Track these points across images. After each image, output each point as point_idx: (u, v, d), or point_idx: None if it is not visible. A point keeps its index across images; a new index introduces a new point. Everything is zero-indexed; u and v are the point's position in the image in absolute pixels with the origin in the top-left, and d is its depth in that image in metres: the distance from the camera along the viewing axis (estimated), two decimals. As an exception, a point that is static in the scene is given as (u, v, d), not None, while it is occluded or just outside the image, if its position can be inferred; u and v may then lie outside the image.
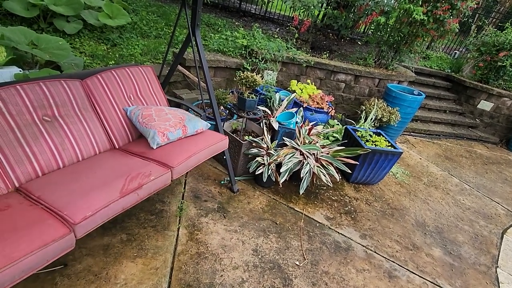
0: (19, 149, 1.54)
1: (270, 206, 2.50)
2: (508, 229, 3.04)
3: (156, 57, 3.44)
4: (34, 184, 1.52)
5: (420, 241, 2.56)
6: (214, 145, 2.07)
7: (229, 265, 1.90)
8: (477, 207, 3.29)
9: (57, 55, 2.48)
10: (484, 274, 2.39)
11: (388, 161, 2.95)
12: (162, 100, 2.39)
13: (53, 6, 2.93)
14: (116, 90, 2.07)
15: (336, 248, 2.25)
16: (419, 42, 4.42)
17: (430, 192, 3.35)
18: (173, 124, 1.97)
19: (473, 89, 5.42)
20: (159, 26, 4.11)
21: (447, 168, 4.03)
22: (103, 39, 3.36)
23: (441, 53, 7.27)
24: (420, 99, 4.09)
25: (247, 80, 2.47)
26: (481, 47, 5.48)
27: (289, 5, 4.30)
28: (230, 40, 3.96)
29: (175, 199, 2.33)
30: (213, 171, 2.77)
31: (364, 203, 2.87)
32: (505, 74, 5.29)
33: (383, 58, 4.58)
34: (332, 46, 5.46)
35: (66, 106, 1.78)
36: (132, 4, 4.33)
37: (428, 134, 5.04)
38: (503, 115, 5.32)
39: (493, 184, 3.90)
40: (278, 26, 5.75)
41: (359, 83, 4.41)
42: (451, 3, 3.76)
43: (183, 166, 1.81)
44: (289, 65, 4.06)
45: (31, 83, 1.65)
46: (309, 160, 2.52)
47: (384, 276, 2.12)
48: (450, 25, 3.92)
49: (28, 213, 1.29)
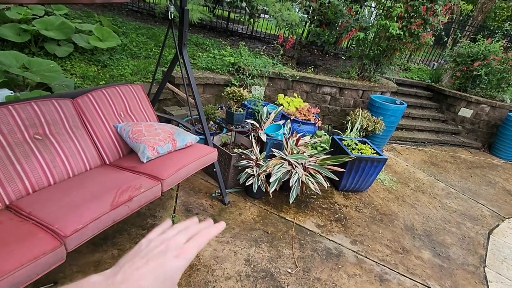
0: (10, 167, 1.57)
1: (261, 217, 2.54)
2: (494, 229, 3.13)
3: (146, 76, 3.54)
4: (24, 201, 1.54)
5: (409, 244, 2.61)
6: (203, 157, 2.13)
7: (222, 275, 1.91)
8: (463, 210, 3.38)
9: (48, 77, 2.55)
10: (473, 274, 2.44)
11: (374, 168, 3.05)
12: (152, 116, 2.45)
13: (44, 31, 3.03)
14: (106, 108, 2.14)
15: (328, 254, 2.29)
16: (397, 55, 4.66)
17: (417, 197, 3.44)
18: (162, 139, 2.03)
19: (453, 97, 5.67)
20: (149, 47, 4.25)
21: (433, 173, 4.15)
22: (94, 60, 3.46)
23: (421, 65, 7.63)
24: (403, 108, 4.26)
25: (234, 94, 2.57)
26: (457, 58, 5.79)
27: (274, 24, 4.52)
28: (218, 58, 4.11)
29: (166, 213, 2.34)
30: (204, 184, 2.81)
31: (354, 210, 2.93)
32: (481, 83, 5.57)
33: (366, 71, 4.79)
34: (317, 61, 5.69)
35: (57, 125, 1.83)
36: (122, 27, 4.48)
37: (414, 142, 5.20)
38: (483, 121, 5.55)
39: (477, 187, 4.02)
40: (264, 44, 5.99)
41: (344, 95, 4.58)
42: (423, 18, 4.03)
43: (173, 178, 1.86)
44: (275, 80, 4.21)
45: (22, 103, 1.70)
46: (297, 170, 2.59)
47: (375, 280, 2.15)
48: (425, 38, 4.18)
49: (18, 229, 1.31)
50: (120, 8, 5.53)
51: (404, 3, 4.04)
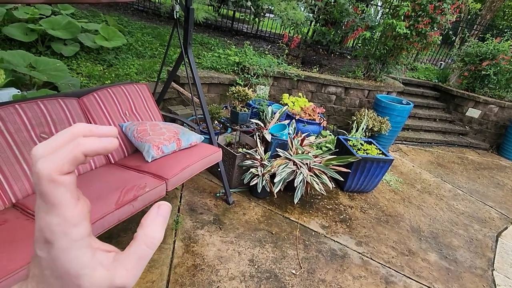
0: (16, 166, 1.58)
1: (265, 217, 2.52)
2: (503, 232, 3.07)
3: (151, 75, 3.55)
4: (31, 199, 1.55)
5: (415, 246, 2.58)
6: (208, 157, 2.13)
7: (226, 276, 1.90)
8: (471, 212, 3.32)
9: (55, 76, 2.56)
10: (481, 277, 2.39)
11: (380, 169, 3.01)
12: (157, 116, 2.46)
13: (51, 30, 3.05)
14: (111, 107, 2.14)
15: (332, 256, 2.27)
16: (404, 55, 4.60)
17: (424, 198, 3.40)
18: (167, 138, 2.03)
19: (461, 97, 5.59)
20: (154, 46, 4.26)
21: (440, 174, 4.10)
22: (100, 60, 3.48)
23: (428, 64, 7.53)
24: (409, 108, 4.21)
25: (239, 94, 2.56)
26: (465, 57, 5.70)
27: (279, 23, 4.50)
28: (222, 57, 4.10)
29: (170, 212, 2.34)
30: (209, 184, 2.80)
31: (359, 211, 2.90)
32: (489, 82, 5.48)
33: (372, 70, 4.74)
34: (322, 61, 5.65)
35: (63, 123, 1.83)
36: (128, 26, 4.50)
37: (420, 142, 5.14)
38: (491, 121, 5.46)
39: (485, 189, 3.95)
40: (269, 43, 5.97)
41: (349, 95, 4.54)
42: (431, 17, 3.97)
43: (177, 177, 1.86)
44: (280, 80, 4.19)
45: (29, 102, 1.71)
46: (302, 170, 2.58)
47: (381, 282, 2.12)
48: (432, 37, 4.12)
49: (24, 227, 1.32)
50: (126, 8, 5.55)
51: (412, 2, 3.99)
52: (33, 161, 0.21)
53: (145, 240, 0.25)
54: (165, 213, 0.27)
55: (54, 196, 0.21)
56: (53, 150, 0.22)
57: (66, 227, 0.22)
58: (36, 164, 0.21)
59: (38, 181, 0.21)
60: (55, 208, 0.21)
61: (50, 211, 0.22)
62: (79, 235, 0.23)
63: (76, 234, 0.22)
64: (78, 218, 0.22)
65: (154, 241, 0.26)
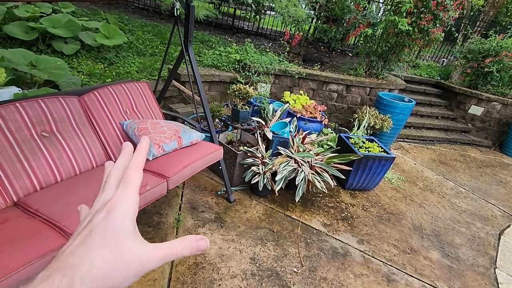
0: (18, 164, 1.58)
1: (267, 215, 2.52)
2: (505, 230, 3.06)
3: (151, 73, 3.54)
4: (32, 198, 1.55)
5: (417, 244, 2.57)
6: (209, 155, 2.12)
7: (227, 274, 1.90)
8: (473, 210, 3.31)
9: (55, 74, 2.56)
10: (483, 275, 2.38)
11: (382, 167, 3.00)
12: (158, 114, 2.45)
13: (51, 28, 3.05)
14: (112, 105, 2.14)
15: (334, 254, 2.26)
16: (406, 52, 4.57)
17: (426, 196, 3.38)
18: (168, 136, 2.03)
19: (463, 94, 5.55)
20: (155, 44, 4.25)
21: (442, 172, 4.08)
22: (100, 58, 3.47)
23: (430, 62, 7.49)
24: (411, 105, 4.18)
25: (240, 92, 2.55)
26: (468, 54, 5.66)
27: (280, 20, 4.48)
28: (223, 55, 4.08)
29: (172, 210, 2.35)
30: (210, 182, 2.80)
31: (361, 209, 2.90)
32: (492, 79, 5.44)
33: (373, 68, 4.71)
34: (324, 58, 5.62)
35: (64, 122, 1.83)
36: (128, 24, 4.49)
37: (422, 140, 5.11)
38: (494, 119, 5.42)
39: (488, 187, 3.93)
40: (270, 41, 5.94)
41: (351, 93, 4.51)
42: (433, 13, 3.93)
43: (178, 176, 1.85)
44: (281, 77, 4.18)
45: (30, 100, 1.71)
46: (303, 168, 2.57)
47: (382, 280, 2.12)
48: (434, 34, 4.08)
49: (26, 225, 1.32)
50: (126, 6, 5.54)
51: (414, -2, 3.95)
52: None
53: (184, 251, 0.34)
54: (203, 249, 0.36)
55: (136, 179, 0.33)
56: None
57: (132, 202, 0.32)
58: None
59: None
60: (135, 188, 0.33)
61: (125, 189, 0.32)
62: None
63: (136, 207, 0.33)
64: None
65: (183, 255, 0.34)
